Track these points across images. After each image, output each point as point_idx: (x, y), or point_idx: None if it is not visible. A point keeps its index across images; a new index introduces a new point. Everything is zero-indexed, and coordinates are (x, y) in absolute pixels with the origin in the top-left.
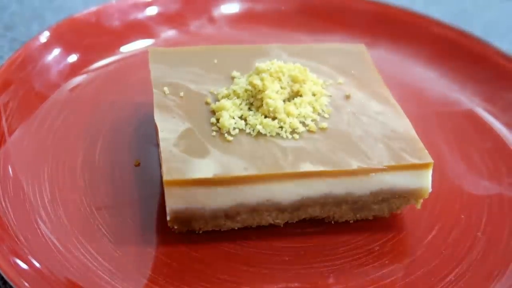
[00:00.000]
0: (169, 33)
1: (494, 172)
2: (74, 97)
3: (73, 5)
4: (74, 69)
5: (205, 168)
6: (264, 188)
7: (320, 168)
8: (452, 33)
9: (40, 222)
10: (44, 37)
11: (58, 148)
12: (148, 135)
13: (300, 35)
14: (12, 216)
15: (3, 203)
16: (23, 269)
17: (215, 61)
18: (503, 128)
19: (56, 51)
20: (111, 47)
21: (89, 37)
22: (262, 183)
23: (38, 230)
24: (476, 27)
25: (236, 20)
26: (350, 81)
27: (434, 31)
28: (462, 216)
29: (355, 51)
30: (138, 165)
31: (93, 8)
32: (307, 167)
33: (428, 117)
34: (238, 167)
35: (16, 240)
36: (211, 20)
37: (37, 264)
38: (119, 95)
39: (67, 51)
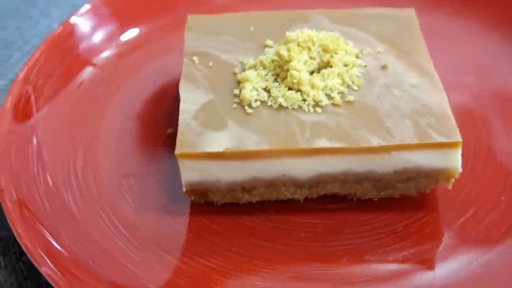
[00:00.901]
0: None
1: None
2: (118, 65)
3: None
4: (119, 35)
5: (218, 142)
6: (279, 163)
7: (337, 144)
8: None
9: (68, 189)
10: (92, 4)
11: (95, 116)
12: None
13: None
14: (42, 182)
15: (35, 170)
16: (41, 235)
17: (251, 28)
18: None
19: (103, 18)
20: (164, 14)
21: (137, 3)
22: (276, 158)
23: (65, 197)
24: None
25: None
26: (390, 50)
27: None
28: (503, 198)
29: (403, 17)
30: (171, 134)
31: None
32: (323, 143)
33: (486, 90)
34: (251, 142)
35: (41, 206)
36: None
37: (54, 232)
38: (161, 64)
39: (114, 18)
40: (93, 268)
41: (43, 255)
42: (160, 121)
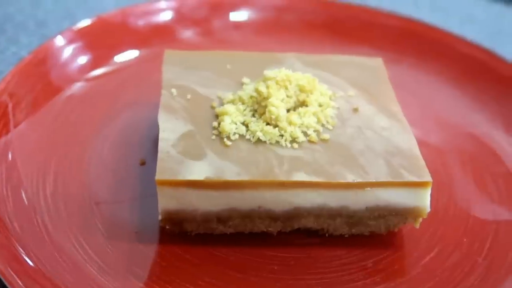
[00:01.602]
0: (193, 37)
1: (506, 198)
2: (90, 93)
3: (106, 6)
4: (94, 66)
5: (198, 171)
6: (256, 195)
7: (314, 178)
8: (480, 53)
9: (38, 212)
10: (67, 34)
11: (68, 142)
12: (157, 136)
13: (324, 46)
14: (12, 204)
15: (4, 191)
16: (11, 256)
17: (228, 66)
18: None
19: (78, 48)
20: (133, 47)
21: (113, 36)
22: (254, 190)
23: (35, 220)
24: (510, 50)
25: (260, 27)
26: (361, 94)
27: (461, 50)
28: (465, 240)
29: (372, 65)
30: (143, 164)
31: (119, 9)
32: (300, 176)
33: (445, 136)
34: (231, 172)
35: (10, 227)
36: (236, 26)
37: (25, 254)
38: (136, 95)
39: (89, 49)
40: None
41: (14, 275)
42: (133, 151)
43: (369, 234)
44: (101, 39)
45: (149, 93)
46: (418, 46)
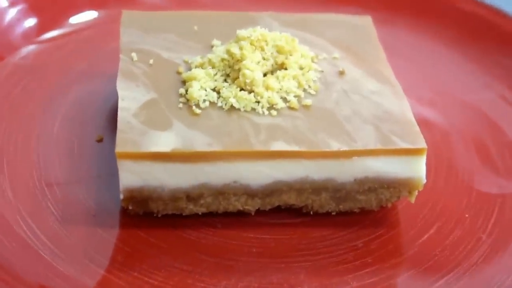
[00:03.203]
0: None
1: None
2: (37, 62)
3: None
4: (41, 31)
5: (164, 142)
6: (231, 168)
7: (295, 147)
8: (482, 10)
9: None
10: None
11: (13, 118)
12: (115, 109)
13: (304, 6)
14: None
15: None
16: None
17: (195, 28)
18: None
19: (23, 10)
20: (87, 9)
21: None
22: (228, 162)
23: None
24: None
25: None
26: (347, 57)
27: (461, 7)
28: (467, 215)
29: (359, 24)
30: (100, 140)
31: None
32: (279, 146)
33: (444, 106)
34: (201, 143)
35: None
36: None
37: None
38: (91, 64)
39: (36, 11)
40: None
41: None
42: (89, 126)
43: (359, 211)
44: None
45: (106, 61)
46: (412, 4)
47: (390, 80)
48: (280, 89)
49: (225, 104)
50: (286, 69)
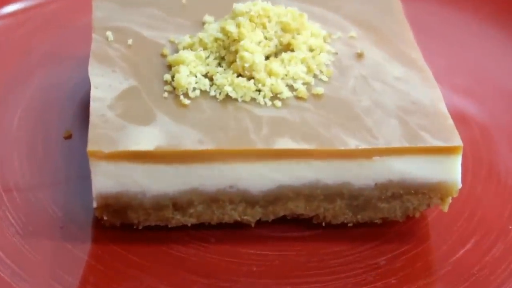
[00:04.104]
0: None
1: None
2: None
3: None
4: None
5: (146, 139)
6: (226, 170)
7: (304, 146)
8: None
9: None
10: None
11: None
12: (87, 99)
13: None
14: None
15: None
16: None
17: (183, 0)
18: None
19: None
20: None
21: None
22: (223, 163)
23: None
24: None
25: None
26: (367, 36)
27: None
28: (511, 227)
29: None
30: (69, 137)
31: None
32: (285, 143)
33: (486, 93)
34: (190, 140)
35: None
36: None
37: None
38: (56, 45)
39: None
40: None
41: None
42: (54, 120)
43: (381, 223)
44: None
45: (75, 41)
46: None
47: (418, 64)
48: (286, 75)
49: (219, 93)
50: (292, 50)
